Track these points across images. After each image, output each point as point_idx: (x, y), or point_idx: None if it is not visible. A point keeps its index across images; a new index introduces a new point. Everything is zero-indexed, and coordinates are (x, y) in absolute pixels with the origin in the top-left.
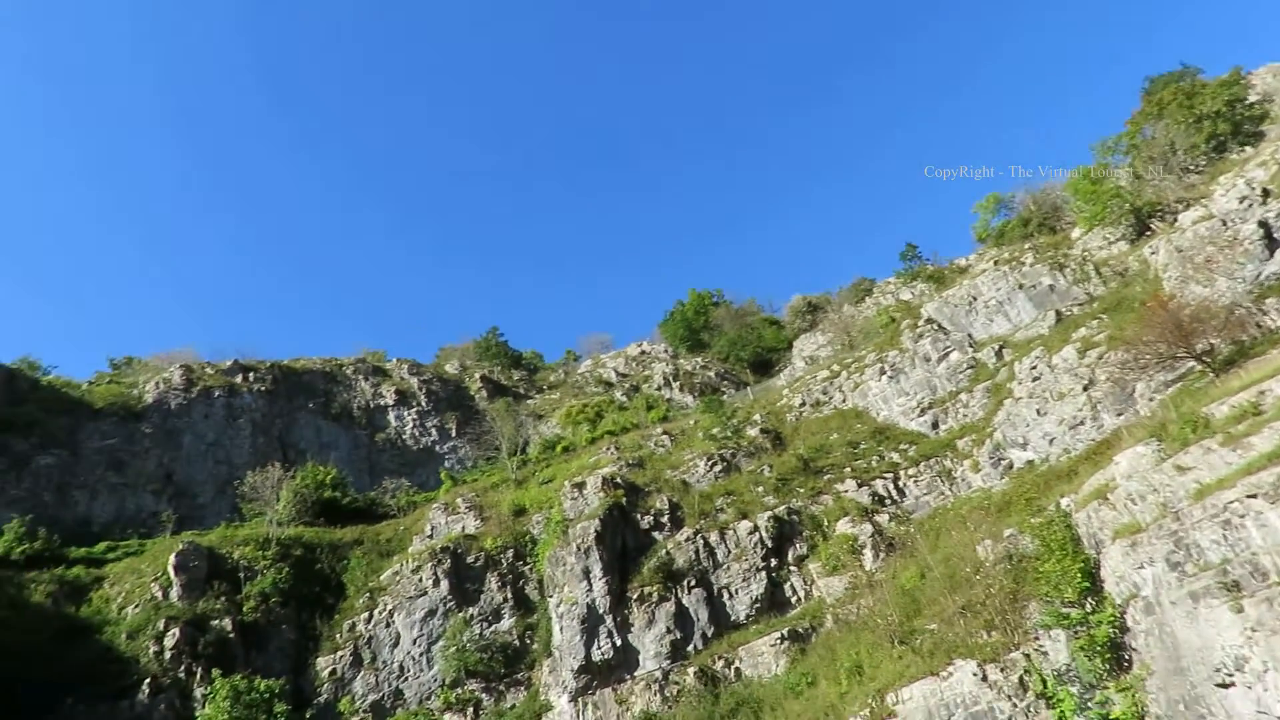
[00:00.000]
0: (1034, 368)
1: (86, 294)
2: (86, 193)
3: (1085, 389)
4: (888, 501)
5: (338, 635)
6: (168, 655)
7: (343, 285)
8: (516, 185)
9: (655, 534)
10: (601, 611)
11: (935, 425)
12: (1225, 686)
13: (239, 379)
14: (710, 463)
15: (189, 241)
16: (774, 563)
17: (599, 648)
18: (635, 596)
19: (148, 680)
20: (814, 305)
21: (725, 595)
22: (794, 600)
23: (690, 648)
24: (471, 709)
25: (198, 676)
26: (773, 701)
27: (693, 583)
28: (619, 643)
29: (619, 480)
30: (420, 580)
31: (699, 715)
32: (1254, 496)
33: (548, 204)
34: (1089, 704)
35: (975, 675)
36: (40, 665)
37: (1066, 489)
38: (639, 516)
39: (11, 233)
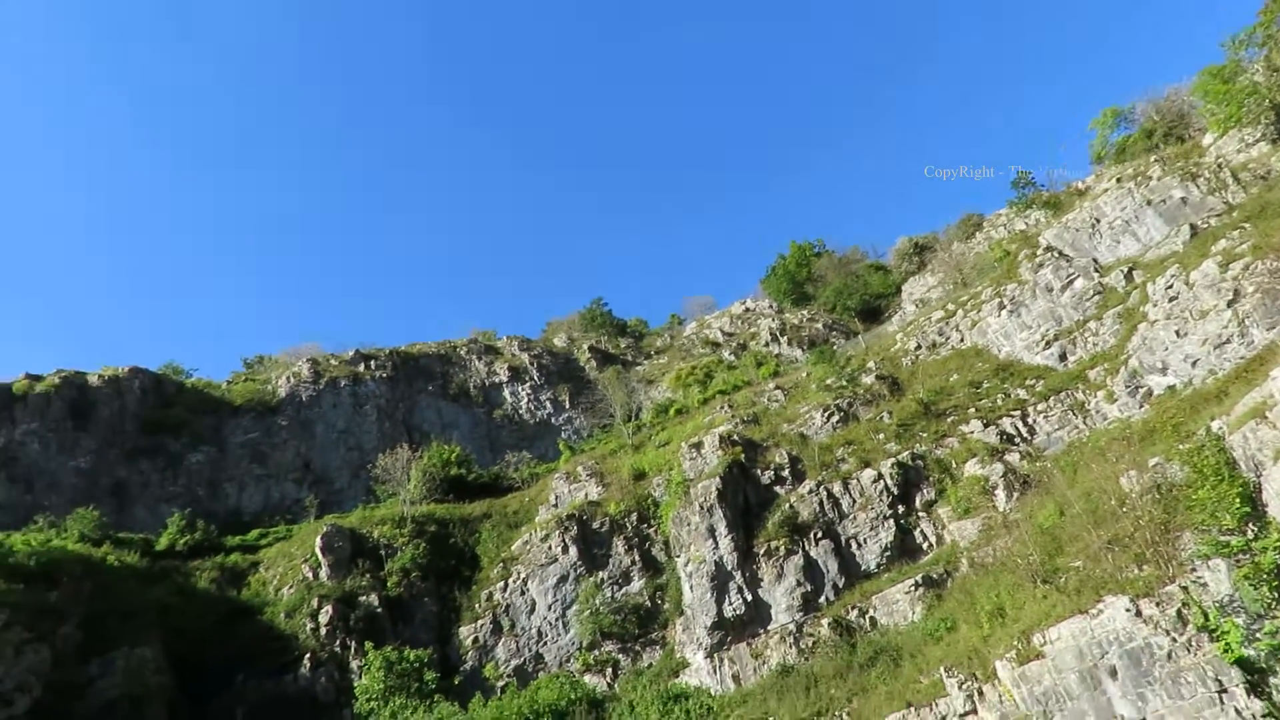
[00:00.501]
0: (1169, 287)
1: (213, 298)
2: (193, 201)
3: (1230, 304)
4: (1017, 440)
5: (476, 605)
6: (323, 631)
7: (446, 268)
8: (605, 151)
9: (777, 488)
10: (730, 568)
11: (1063, 357)
12: None
13: (361, 368)
14: (827, 413)
15: (294, 240)
16: (901, 509)
17: (730, 604)
18: (762, 551)
19: (308, 655)
20: (921, 246)
21: (853, 545)
22: (925, 546)
23: (822, 599)
24: (610, 669)
25: (352, 649)
26: (912, 648)
27: (819, 534)
28: (750, 598)
29: (736, 437)
30: (550, 548)
31: (837, 665)
32: None
33: (639, 167)
34: (1257, 634)
35: (1128, 611)
36: (212, 646)
37: (1216, 411)
38: (759, 472)
39: (141, 247)
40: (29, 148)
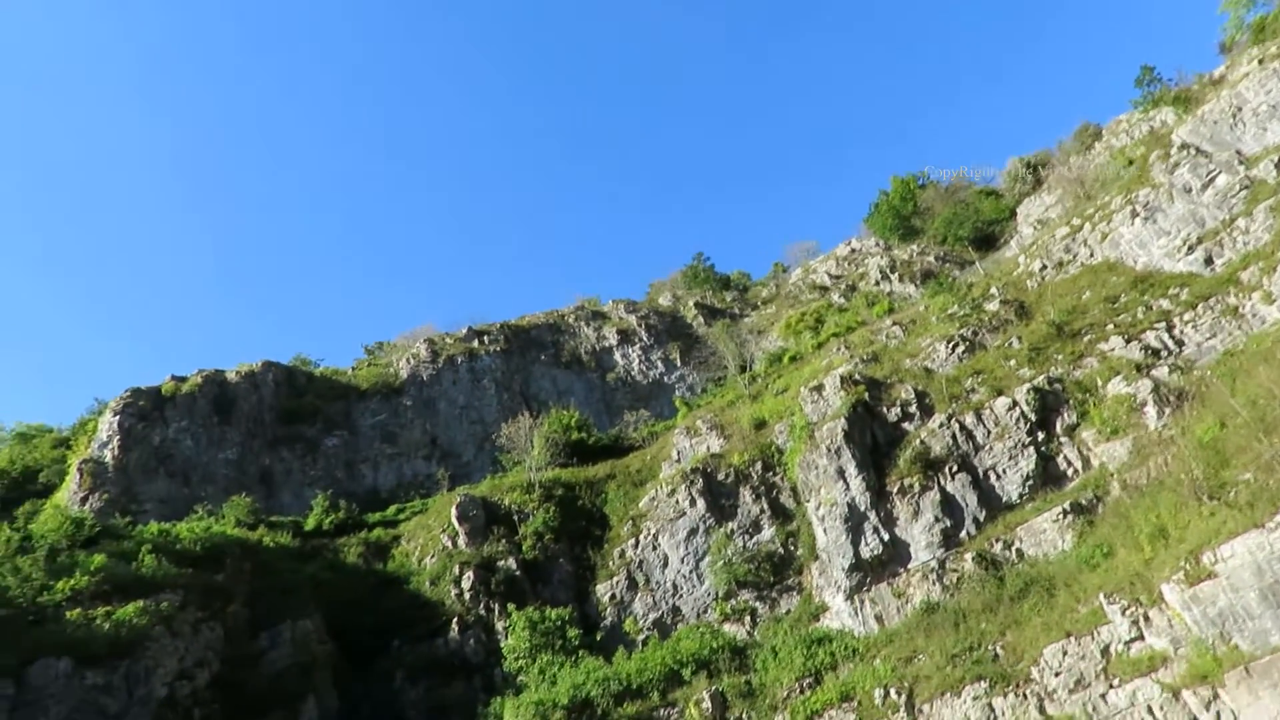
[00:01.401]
0: None
1: (334, 289)
2: (295, 195)
3: None
4: (1164, 353)
5: (610, 563)
6: (467, 596)
7: (546, 239)
8: (696, 106)
9: (905, 425)
10: (863, 509)
11: (1209, 261)
12: None
13: (475, 344)
14: (950, 344)
15: (395, 227)
16: (1040, 436)
17: (866, 544)
18: (895, 490)
19: (455, 619)
20: (1033, 165)
21: (992, 477)
22: (1070, 472)
23: (963, 534)
24: (748, 617)
25: (495, 612)
26: (1066, 577)
27: (954, 468)
28: (886, 537)
29: (857, 377)
30: (677, 502)
31: (985, 599)
32: None
33: (731, 120)
34: None
35: None
36: (365, 615)
37: None
38: (884, 409)
39: (256, 245)
40: (134, 155)
